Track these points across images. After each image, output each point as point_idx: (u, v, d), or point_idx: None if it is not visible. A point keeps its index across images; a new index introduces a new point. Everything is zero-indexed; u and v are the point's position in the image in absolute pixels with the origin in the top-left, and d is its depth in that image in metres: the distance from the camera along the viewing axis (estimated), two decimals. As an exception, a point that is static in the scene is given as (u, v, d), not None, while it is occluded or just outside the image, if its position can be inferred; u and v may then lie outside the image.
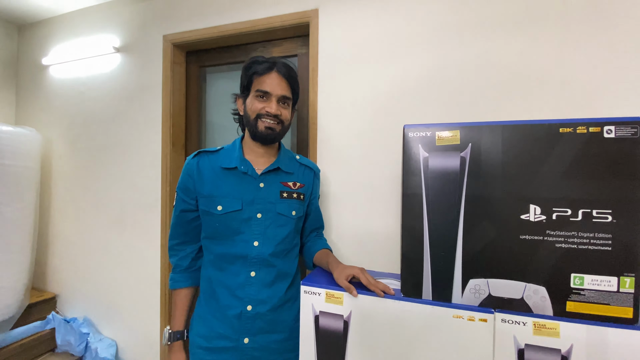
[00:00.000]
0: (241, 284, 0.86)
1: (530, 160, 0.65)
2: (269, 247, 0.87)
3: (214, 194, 0.87)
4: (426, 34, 1.11)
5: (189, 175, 0.90)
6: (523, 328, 0.66)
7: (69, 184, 1.84)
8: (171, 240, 0.96)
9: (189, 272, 0.95)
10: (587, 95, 0.95)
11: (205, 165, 0.91)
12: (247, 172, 0.89)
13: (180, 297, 0.95)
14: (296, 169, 0.97)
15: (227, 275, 0.87)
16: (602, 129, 0.62)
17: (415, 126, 0.73)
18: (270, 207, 0.89)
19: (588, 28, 0.95)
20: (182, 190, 0.91)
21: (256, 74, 0.87)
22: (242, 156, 0.91)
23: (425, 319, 0.71)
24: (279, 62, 0.89)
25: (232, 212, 0.86)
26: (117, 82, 1.66)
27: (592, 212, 0.63)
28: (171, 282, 0.95)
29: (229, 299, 0.85)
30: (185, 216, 0.92)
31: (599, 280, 0.63)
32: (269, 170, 0.91)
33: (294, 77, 0.91)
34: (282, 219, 0.90)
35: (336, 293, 0.78)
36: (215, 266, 0.89)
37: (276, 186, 0.91)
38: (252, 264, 0.86)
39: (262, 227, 0.88)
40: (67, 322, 1.75)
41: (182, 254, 0.95)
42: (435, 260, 0.71)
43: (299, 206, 0.93)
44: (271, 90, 0.86)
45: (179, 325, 0.94)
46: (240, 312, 0.85)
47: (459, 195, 0.69)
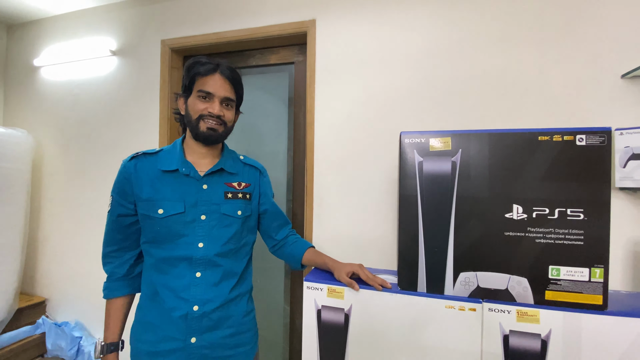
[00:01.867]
0: (186, 285, 0.83)
1: (513, 164, 0.73)
2: (215, 247, 0.86)
3: (153, 198, 0.84)
4: (419, 45, 1.19)
5: (126, 179, 0.86)
6: (507, 316, 0.73)
7: (61, 186, 1.82)
8: (106, 247, 0.90)
9: (126, 280, 0.91)
10: (563, 106, 1.05)
11: (143, 168, 0.87)
12: (189, 174, 0.87)
13: (116, 307, 0.90)
14: (240, 169, 0.97)
15: (170, 278, 0.84)
16: (575, 138, 0.71)
17: (410, 133, 0.80)
18: (215, 208, 0.88)
19: (564, 46, 1.06)
20: (119, 194, 0.87)
21: (199, 75, 0.85)
22: (183, 158, 0.88)
23: (421, 310, 0.78)
24: (222, 64, 0.87)
25: (174, 215, 0.84)
26: (113, 85, 1.67)
27: (567, 210, 0.71)
28: (105, 292, 0.90)
29: (173, 301, 0.83)
30: (123, 221, 0.88)
31: (573, 271, 0.71)
32: (212, 172, 0.89)
33: (238, 79, 0.90)
34: (227, 219, 0.89)
35: (337, 288, 0.84)
36: (158, 270, 0.85)
37: (220, 187, 0.90)
38: (198, 264, 0.85)
39: (207, 229, 0.86)
40: (58, 326, 1.73)
41: (119, 262, 0.91)
42: (430, 256, 0.78)
43: (245, 206, 0.92)
44: (214, 92, 0.85)
45: (113, 336, 0.89)
46: (186, 313, 0.82)
47: (450, 197, 0.76)
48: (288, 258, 1.02)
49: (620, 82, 1.02)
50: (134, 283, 0.92)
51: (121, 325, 0.91)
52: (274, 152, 1.52)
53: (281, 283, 1.50)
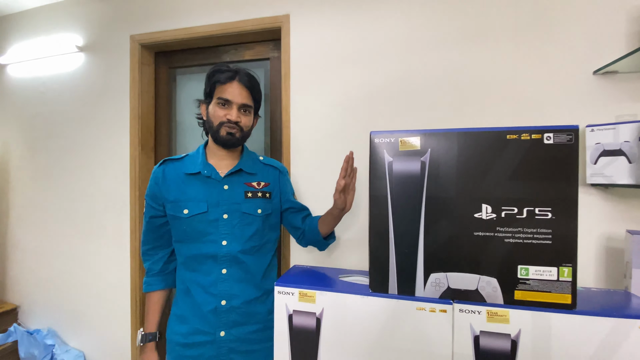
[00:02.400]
0: (213, 281, 0.90)
1: (482, 163, 0.72)
2: (238, 244, 0.91)
3: (179, 199, 0.92)
4: (393, 42, 1.17)
5: (155, 183, 0.95)
6: (478, 316, 0.72)
7: (29, 188, 1.74)
8: (143, 246, 1.00)
9: (161, 275, 0.99)
10: (536, 104, 1.05)
11: (170, 173, 0.95)
12: (211, 175, 0.93)
13: (154, 300, 0.99)
14: (260, 169, 1.01)
15: (199, 275, 0.91)
16: (543, 136, 0.70)
17: (380, 133, 0.78)
18: (236, 207, 0.93)
19: (536, 43, 1.05)
20: (150, 198, 0.95)
21: (218, 83, 0.91)
22: (205, 161, 0.96)
23: (392, 312, 0.76)
24: (241, 72, 0.93)
25: (198, 215, 0.90)
26: (80, 82, 1.60)
27: (535, 210, 0.70)
28: (145, 286, 0.99)
29: (203, 296, 0.90)
30: (155, 222, 0.96)
31: (542, 271, 0.71)
32: (232, 173, 0.95)
33: (256, 86, 0.95)
34: (248, 218, 0.94)
35: (309, 292, 0.82)
36: (188, 267, 0.93)
37: (240, 187, 0.95)
38: (223, 261, 0.91)
39: (230, 227, 0.92)
40: (30, 334, 1.67)
41: (155, 259, 0.99)
42: (400, 257, 0.76)
43: (265, 204, 0.97)
44: (232, 99, 0.90)
45: (151, 327, 0.98)
46: (215, 307, 0.89)
47: (420, 197, 0.75)
48: (311, 238, 1.01)
49: (592, 78, 1.02)
50: (168, 278, 1.00)
51: (158, 317, 0.99)
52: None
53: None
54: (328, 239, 1.02)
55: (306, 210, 1.07)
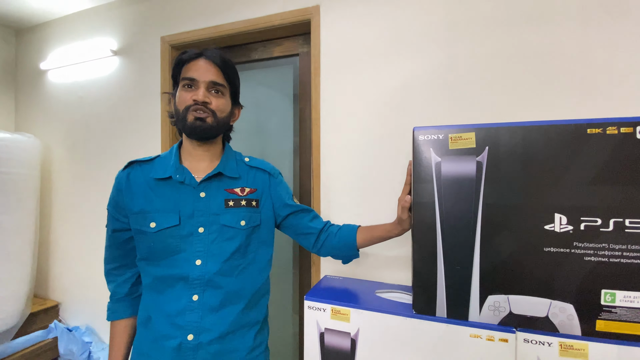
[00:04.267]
0: (182, 309, 0.73)
1: (555, 164, 0.59)
2: (214, 265, 0.75)
3: (146, 210, 0.76)
4: (434, 28, 1.05)
5: (118, 190, 0.79)
6: (548, 349, 0.60)
7: (70, 190, 1.81)
8: (107, 265, 0.83)
9: (128, 300, 0.83)
10: (607, 93, 0.88)
11: (136, 177, 0.79)
12: (184, 180, 0.77)
13: (119, 330, 0.82)
14: (244, 172, 0.85)
15: (166, 301, 0.74)
16: (635, 130, 0.56)
17: (425, 128, 0.67)
18: (214, 219, 0.77)
19: (606, 25, 0.88)
20: (113, 208, 0.80)
21: (183, 63, 0.77)
22: (178, 163, 0.79)
23: (440, 338, 0.66)
24: (208, 49, 0.78)
25: (167, 229, 0.75)
26: (115, 85, 1.63)
27: (624, 221, 0.56)
28: (108, 313, 0.83)
29: (166, 328, 0.73)
30: (119, 236, 0.81)
31: (632, 297, 0.57)
32: (210, 177, 0.79)
33: (227, 62, 0.78)
34: (229, 232, 0.78)
35: (342, 309, 0.73)
36: (154, 290, 0.76)
37: (220, 194, 0.79)
38: (195, 286, 0.74)
39: (206, 243, 0.76)
40: (70, 331, 1.73)
41: (120, 280, 0.83)
42: (450, 274, 0.65)
43: (250, 215, 0.81)
44: (197, 77, 0.74)
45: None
46: (179, 343, 0.72)
47: (475, 204, 0.63)
48: (340, 248, 0.87)
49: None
50: (136, 304, 0.84)
51: (125, 351, 0.83)
52: (279, 151, 1.42)
53: (289, 290, 1.41)
54: (358, 252, 0.87)
55: (312, 212, 0.91)
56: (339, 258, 0.89)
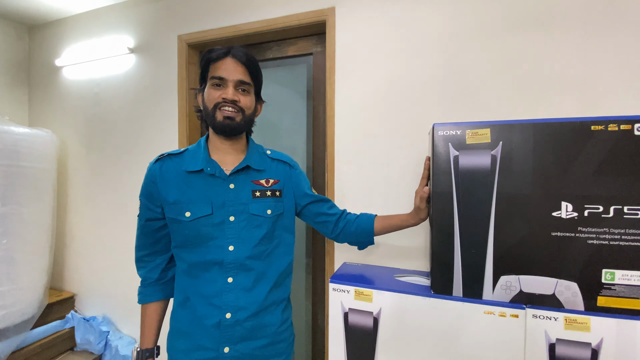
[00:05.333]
0: (218, 291, 0.80)
1: (562, 157, 0.66)
2: (245, 249, 0.82)
3: (180, 200, 0.81)
4: (447, 30, 1.11)
5: (152, 182, 0.84)
6: (554, 323, 0.67)
7: (86, 184, 1.85)
8: (138, 252, 0.89)
9: (159, 285, 0.89)
10: (607, 95, 0.95)
11: (169, 170, 0.84)
12: (215, 173, 0.83)
13: (150, 312, 0.89)
14: (268, 165, 0.91)
15: (202, 284, 0.81)
16: (633, 127, 0.63)
17: (444, 125, 0.74)
18: (243, 208, 0.83)
19: (606, 30, 0.95)
20: (146, 198, 0.85)
21: (211, 61, 0.82)
22: (208, 157, 0.85)
23: (456, 315, 0.72)
24: (234, 47, 0.82)
25: (202, 218, 0.81)
26: (132, 83, 1.67)
27: (623, 208, 0.63)
28: (139, 297, 0.89)
29: (205, 308, 0.80)
30: (152, 225, 0.86)
31: (630, 275, 0.64)
32: (238, 170, 0.85)
33: (253, 61, 0.84)
34: (257, 220, 0.84)
35: (365, 290, 0.80)
36: (189, 275, 0.83)
37: (247, 186, 0.86)
38: (229, 269, 0.81)
39: (236, 230, 0.82)
40: (87, 321, 1.78)
41: (151, 266, 0.89)
42: (466, 257, 0.72)
43: (275, 204, 0.87)
44: (226, 76, 0.80)
45: (148, 342, 0.88)
46: (218, 321, 0.79)
47: (489, 194, 0.70)
48: (357, 235, 0.94)
49: (676, 63, 0.91)
50: (167, 288, 0.90)
51: (156, 331, 0.89)
52: (292, 147, 1.48)
53: (302, 280, 1.47)
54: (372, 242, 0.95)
55: (329, 201, 0.98)
56: (356, 244, 0.96)
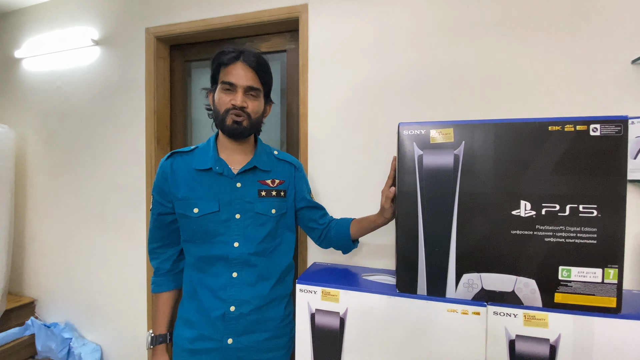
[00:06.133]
0: (223, 285, 0.84)
1: (521, 157, 0.67)
2: (250, 247, 0.86)
3: (189, 197, 0.85)
4: (419, 30, 1.12)
5: (164, 178, 0.88)
6: (514, 320, 0.68)
7: (47, 183, 1.75)
8: (151, 244, 0.94)
9: (171, 275, 0.94)
10: (569, 96, 0.99)
11: (179, 167, 0.88)
12: (223, 172, 0.87)
13: (163, 301, 0.94)
14: (274, 165, 0.95)
15: (208, 277, 0.85)
16: (589, 127, 0.65)
17: (409, 124, 0.74)
18: (249, 206, 0.87)
19: (569, 34, 0.99)
20: (158, 193, 0.89)
21: (222, 65, 0.84)
22: (216, 156, 0.88)
23: (420, 313, 0.73)
24: (246, 51, 0.84)
25: (209, 214, 0.84)
26: (96, 76, 1.59)
27: (578, 207, 0.65)
28: (153, 286, 0.94)
29: (211, 301, 0.84)
30: (163, 219, 0.90)
31: (585, 272, 0.66)
32: (246, 170, 0.88)
33: (263, 66, 0.86)
34: (261, 218, 0.88)
35: (332, 291, 0.79)
36: (197, 268, 0.87)
37: (254, 185, 0.89)
38: (234, 264, 0.85)
39: (242, 228, 0.86)
40: (48, 327, 1.68)
41: (163, 257, 0.94)
42: (430, 256, 0.72)
43: (279, 204, 0.91)
44: (236, 81, 0.82)
45: (161, 328, 0.93)
46: (223, 313, 0.84)
47: (452, 193, 0.70)
48: (337, 240, 0.96)
49: (630, 68, 0.95)
50: (178, 278, 0.95)
51: (168, 318, 0.94)
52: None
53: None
54: (355, 243, 0.97)
55: (323, 209, 1.01)
56: (339, 249, 0.99)
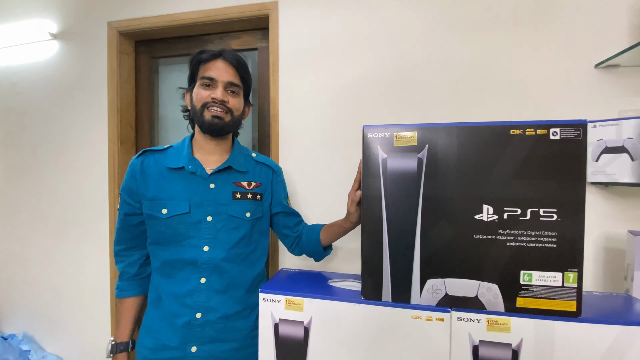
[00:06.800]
0: (190, 291, 0.81)
1: (484, 161, 0.66)
2: (221, 251, 0.82)
3: (158, 197, 0.82)
4: (388, 32, 1.10)
5: (133, 177, 0.84)
6: (477, 325, 0.67)
7: (1, 186, 1.64)
8: (116, 246, 0.89)
9: (137, 280, 0.90)
10: (536, 98, 1.00)
11: (150, 166, 0.85)
12: (196, 171, 0.83)
13: (126, 307, 0.89)
14: (252, 167, 0.92)
15: (175, 283, 0.81)
16: (549, 131, 0.64)
17: (374, 127, 0.72)
18: (222, 209, 0.84)
19: (534, 37, 1.00)
20: (126, 193, 0.85)
21: (201, 62, 0.83)
22: (190, 155, 0.85)
23: (385, 321, 0.71)
24: (226, 50, 0.85)
25: (178, 215, 0.81)
26: (55, 72, 1.50)
27: (539, 211, 0.65)
28: (117, 291, 0.89)
29: (176, 307, 0.80)
30: (130, 220, 0.86)
31: (546, 276, 0.66)
32: (220, 170, 0.85)
33: (243, 65, 0.86)
34: (235, 222, 0.84)
35: (296, 299, 0.76)
36: (163, 273, 0.83)
37: (228, 187, 0.86)
38: (203, 269, 0.81)
39: (213, 231, 0.83)
40: (4, 339, 1.57)
41: (129, 260, 0.89)
42: (395, 262, 0.71)
43: (255, 207, 0.88)
44: (217, 77, 0.81)
45: (123, 336, 0.88)
46: (189, 320, 0.80)
47: (416, 197, 0.69)
48: (308, 247, 0.94)
49: (594, 72, 0.98)
50: (144, 283, 0.91)
51: (132, 325, 0.90)
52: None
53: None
54: (327, 249, 0.94)
55: (299, 217, 0.99)
56: (311, 256, 0.96)
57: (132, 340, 0.90)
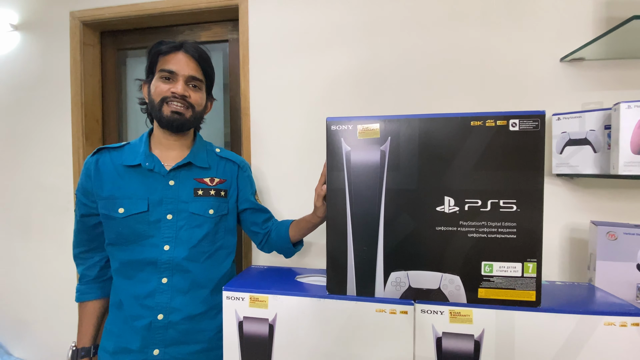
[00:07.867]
0: (151, 292, 0.78)
1: (445, 152, 0.66)
2: (182, 250, 0.79)
3: (114, 196, 0.78)
4: (357, 25, 1.09)
5: (87, 176, 0.81)
6: (440, 317, 0.67)
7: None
8: (75, 248, 0.87)
9: (97, 283, 0.87)
10: (500, 91, 1.01)
11: (105, 164, 0.81)
12: (154, 168, 0.80)
13: (88, 311, 0.86)
14: (215, 163, 0.89)
15: (135, 284, 0.78)
16: (508, 122, 0.65)
17: (337, 119, 0.70)
18: (183, 206, 0.81)
19: (502, 30, 1.01)
20: (81, 193, 0.82)
21: (161, 54, 0.79)
22: (147, 151, 0.82)
23: (350, 315, 0.70)
24: (187, 42, 0.81)
25: (136, 215, 0.78)
26: (16, 64, 1.42)
27: (499, 202, 0.65)
28: (77, 294, 0.86)
29: (137, 309, 0.78)
30: (88, 221, 0.83)
31: (506, 267, 0.66)
32: (180, 166, 0.82)
33: (205, 58, 0.83)
34: (197, 219, 0.82)
35: (260, 296, 0.74)
36: (122, 275, 0.80)
37: (189, 183, 0.83)
38: (164, 269, 0.79)
39: (174, 229, 0.80)
40: (-35, 346, 1.50)
41: (89, 263, 0.87)
42: (359, 255, 0.70)
43: (218, 204, 0.85)
44: (177, 70, 0.78)
45: (84, 341, 0.85)
46: (149, 322, 0.77)
47: (379, 189, 0.68)
48: (278, 243, 0.92)
49: (559, 65, 0.99)
50: (105, 286, 0.87)
51: (93, 330, 0.87)
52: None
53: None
54: (297, 245, 0.93)
55: (268, 213, 0.96)
56: (281, 252, 0.95)
57: (94, 346, 0.87)
